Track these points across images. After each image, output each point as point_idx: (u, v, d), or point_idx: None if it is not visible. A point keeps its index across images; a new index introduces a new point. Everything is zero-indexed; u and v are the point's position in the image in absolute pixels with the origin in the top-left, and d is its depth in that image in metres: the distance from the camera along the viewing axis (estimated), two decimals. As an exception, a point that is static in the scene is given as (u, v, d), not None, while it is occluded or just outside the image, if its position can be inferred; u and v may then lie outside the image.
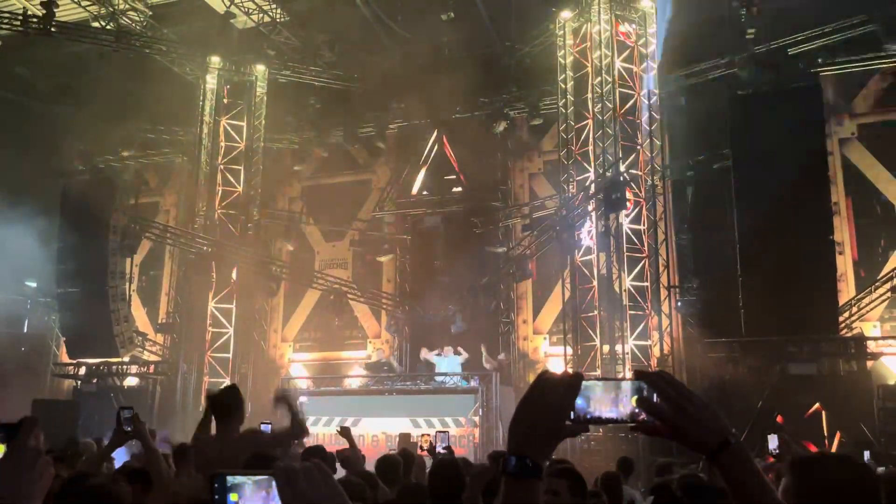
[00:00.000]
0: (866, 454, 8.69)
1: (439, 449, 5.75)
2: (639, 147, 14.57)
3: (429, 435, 6.21)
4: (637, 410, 1.51)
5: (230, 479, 2.02)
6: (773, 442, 6.26)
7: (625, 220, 14.09)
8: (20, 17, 16.52)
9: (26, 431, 1.54)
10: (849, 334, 14.03)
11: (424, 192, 18.21)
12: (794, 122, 13.39)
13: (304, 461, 1.53)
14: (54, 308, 18.36)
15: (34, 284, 19.46)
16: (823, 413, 12.54)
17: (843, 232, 15.27)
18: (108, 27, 17.09)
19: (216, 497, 2.01)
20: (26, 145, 18.14)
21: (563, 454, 12.16)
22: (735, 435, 1.48)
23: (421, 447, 5.64)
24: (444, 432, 6.04)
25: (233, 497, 1.96)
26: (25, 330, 19.79)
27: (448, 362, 15.01)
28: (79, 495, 2.69)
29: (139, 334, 17.93)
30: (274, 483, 1.91)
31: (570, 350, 14.34)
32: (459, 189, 17.90)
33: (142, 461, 4.88)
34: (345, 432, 6.88)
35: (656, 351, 13.86)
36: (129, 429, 4.02)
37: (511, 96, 17.38)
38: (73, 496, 2.68)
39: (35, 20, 16.36)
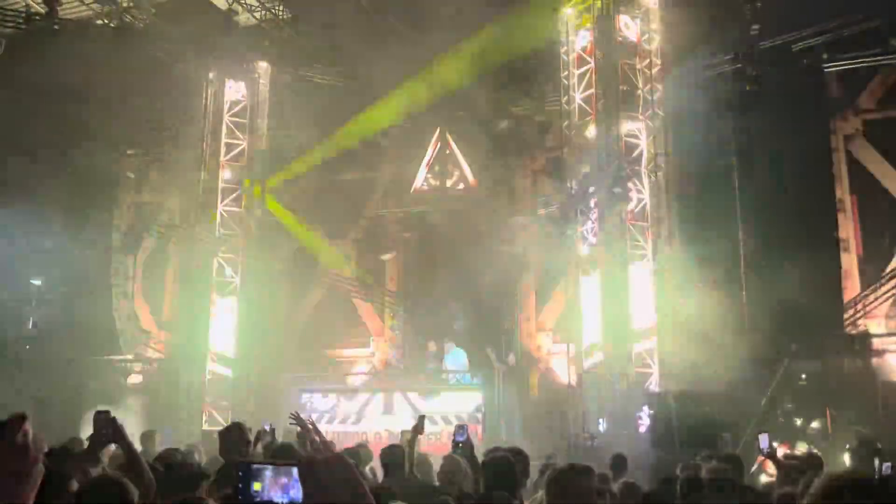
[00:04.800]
0: (876, 462, 8.59)
1: (458, 439, 5.32)
2: (641, 143, 14.51)
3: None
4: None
5: (254, 467, 2.04)
6: (763, 441, 6.39)
7: (627, 217, 14.03)
8: (23, 16, 16.51)
9: (12, 429, 1.51)
10: (854, 331, 13.97)
11: (427, 190, 18.17)
12: (799, 119, 13.32)
13: (325, 453, 1.54)
14: (58, 306, 18.35)
15: (38, 282, 19.47)
16: (828, 410, 12.48)
17: (848, 229, 15.20)
18: (111, 25, 17.07)
19: (240, 485, 2.03)
20: (30, 144, 18.11)
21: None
22: None
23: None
24: (461, 426, 5.66)
25: (256, 486, 1.99)
26: (30, 327, 19.78)
27: (454, 357, 15.00)
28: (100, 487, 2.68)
29: (143, 332, 17.94)
30: (295, 472, 1.91)
31: (573, 347, 14.30)
32: (462, 187, 17.86)
33: (117, 464, 4.71)
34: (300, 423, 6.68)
35: (659, 348, 13.79)
36: (106, 432, 3.81)
37: (514, 93, 17.31)
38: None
39: (38, 18, 16.35)
